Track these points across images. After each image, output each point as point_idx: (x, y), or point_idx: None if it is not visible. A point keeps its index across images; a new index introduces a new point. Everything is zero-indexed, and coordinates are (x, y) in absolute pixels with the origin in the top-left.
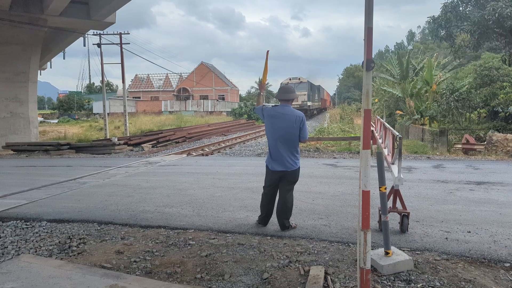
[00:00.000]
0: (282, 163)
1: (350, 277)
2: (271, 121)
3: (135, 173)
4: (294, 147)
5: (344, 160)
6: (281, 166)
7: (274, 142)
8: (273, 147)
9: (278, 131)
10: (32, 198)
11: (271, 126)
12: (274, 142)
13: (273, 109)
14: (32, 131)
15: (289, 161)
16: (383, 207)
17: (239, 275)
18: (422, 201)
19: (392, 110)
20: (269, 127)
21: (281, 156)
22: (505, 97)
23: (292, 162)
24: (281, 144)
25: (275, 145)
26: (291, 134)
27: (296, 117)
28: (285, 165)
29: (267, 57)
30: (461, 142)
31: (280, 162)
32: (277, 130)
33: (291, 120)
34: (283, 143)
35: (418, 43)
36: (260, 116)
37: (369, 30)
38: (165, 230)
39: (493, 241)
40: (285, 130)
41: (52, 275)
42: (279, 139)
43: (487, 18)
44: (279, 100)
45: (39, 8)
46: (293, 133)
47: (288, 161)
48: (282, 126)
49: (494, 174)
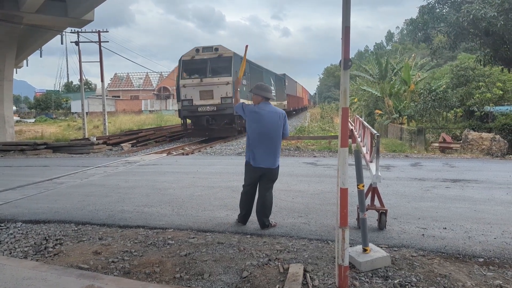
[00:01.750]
0: (267, 160)
1: (329, 274)
2: (256, 118)
3: (114, 173)
4: (279, 144)
5: (324, 158)
6: (266, 163)
7: (259, 139)
8: (258, 144)
9: (263, 128)
10: (7, 199)
11: (256, 123)
12: (259, 139)
13: (257, 106)
14: (7, 131)
15: (273, 158)
16: (361, 204)
17: (218, 274)
18: (399, 199)
19: (372, 110)
20: (254, 124)
21: (265, 153)
22: (481, 97)
23: (276, 159)
24: (267, 141)
25: (260, 142)
26: (277, 131)
27: (280, 114)
28: (270, 162)
29: (246, 52)
30: (438, 140)
31: (265, 159)
32: (263, 127)
33: (275, 117)
34: (269, 140)
35: (396, 44)
36: (241, 114)
37: (346, 29)
38: (144, 230)
39: (468, 237)
40: (271, 127)
41: (26, 276)
42: (265, 136)
43: (462, 20)
44: (262, 97)
45: (15, 5)
46: (278, 130)
47: (272, 158)
48: (268, 123)
49: (470, 172)
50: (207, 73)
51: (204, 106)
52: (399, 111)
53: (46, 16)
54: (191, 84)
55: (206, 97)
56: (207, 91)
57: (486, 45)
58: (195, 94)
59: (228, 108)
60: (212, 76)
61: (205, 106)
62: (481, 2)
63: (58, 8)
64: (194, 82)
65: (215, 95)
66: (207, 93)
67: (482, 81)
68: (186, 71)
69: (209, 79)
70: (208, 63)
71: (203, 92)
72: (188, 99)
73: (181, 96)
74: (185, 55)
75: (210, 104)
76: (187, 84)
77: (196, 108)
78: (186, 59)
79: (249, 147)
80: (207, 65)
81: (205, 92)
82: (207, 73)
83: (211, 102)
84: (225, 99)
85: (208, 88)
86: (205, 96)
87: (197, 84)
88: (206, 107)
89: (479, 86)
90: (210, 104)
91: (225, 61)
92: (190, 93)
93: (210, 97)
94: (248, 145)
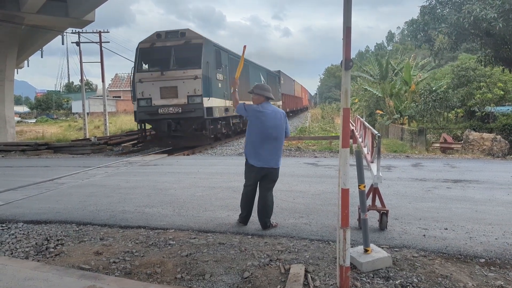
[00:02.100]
0: (272, 160)
1: (330, 274)
2: (260, 118)
3: (115, 173)
4: (282, 144)
5: (325, 159)
6: (271, 163)
7: (265, 139)
8: (263, 145)
9: (269, 128)
10: (8, 199)
11: (261, 123)
12: (264, 139)
13: (260, 106)
14: (8, 131)
15: (278, 158)
16: (362, 205)
17: (219, 274)
18: (400, 199)
19: (372, 110)
20: (258, 124)
21: (271, 153)
22: (482, 97)
23: (280, 158)
24: (272, 141)
25: (266, 142)
26: (281, 131)
27: (281, 113)
28: (274, 161)
29: (244, 52)
30: (439, 141)
31: (270, 159)
32: (268, 127)
33: (278, 117)
34: (274, 140)
35: (397, 44)
36: (243, 114)
37: (347, 29)
38: (145, 230)
39: (469, 237)
40: (276, 127)
41: (28, 277)
42: (270, 136)
43: (463, 20)
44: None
45: (16, 5)
46: (282, 130)
47: (277, 157)
48: (272, 123)
49: (471, 172)
50: (171, 65)
51: (166, 107)
52: (400, 111)
53: (47, 16)
54: (149, 79)
55: (169, 95)
56: (170, 88)
57: (487, 45)
58: (155, 91)
59: (197, 109)
60: (177, 68)
61: (167, 107)
62: (481, 3)
63: (59, 8)
64: (154, 76)
65: (180, 93)
66: (170, 90)
67: (483, 82)
68: (144, 61)
69: (173, 72)
70: (172, 52)
71: (165, 89)
72: (146, 97)
73: (137, 94)
74: (143, 42)
75: (174, 105)
76: (145, 78)
77: (156, 109)
78: (144, 47)
79: (253, 147)
80: (170, 54)
81: (168, 89)
82: (171, 65)
83: (175, 101)
84: (193, 98)
85: (171, 84)
86: (168, 94)
87: (157, 79)
88: (169, 108)
89: (480, 86)
90: (173, 104)
91: (194, 49)
92: (148, 90)
93: (174, 96)
94: (251, 146)
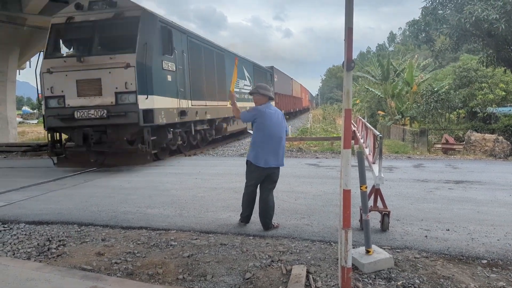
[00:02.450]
0: (277, 160)
1: (332, 275)
2: (266, 118)
3: (117, 174)
4: (284, 144)
5: (327, 160)
6: (275, 162)
7: (271, 139)
8: (269, 145)
9: (274, 128)
10: (10, 200)
11: (269, 122)
12: (271, 139)
13: (265, 106)
14: (10, 132)
15: (282, 157)
16: (364, 206)
17: (221, 275)
18: (402, 200)
19: (374, 111)
20: (267, 124)
21: (276, 153)
22: (483, 98)
23: (283, 157)
24: (278, 140)
25: (272, 142)
26: (283, 130)
27: (281, 113)
28: (279, 160)
29: (236, 66)
30: (441, 142)
31: (275, 159)
32: (273, 127)
33: (280, 116)
34: (279, 139)
35: (399, 45)
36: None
37: (349, 30)
38: (146, 231)
39: (471, 238)
40: (279, 127)
41: (30, 277)
42: (275, 135)
43: (464, 21)
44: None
45: (18, 6)
46: (284, 129)
47: (281, 156)
48: (276, 123)
49: (473, 173)
50: (93, 48)
51: (85, 110)
52: (402, 112)
53: (50, 17)
54: (61, 68)
55: (89, 91)
56: (90, 81)
57: (489, 46)
58: (70, 86)
59: (130, 113)
60: (101, 52)
61: (86, 110)
62: (483, 4)
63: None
64: (68, 65)
65: (106, 89)
66: (90, 85)
67: (484, 82)
68: (56, 43)
69: (95, 58)
70: (95, 29)
71: (84, 82)
72: (57, 95)
73: (45, 91)
74: (57, 16)
75: (97, 106)
76: (55, 67)
77: (72, 112)
78: (57, 23)
79: (262, 149)
80: (93, 32)
81: (88, 83)
82: (93, 48)
83: (97, 101)
84: (123, 96)
85: (92, 75)
86: (87, 90)
87: (72, 68)
88: (89, 111)
89: (481, 87)
90: (96, 105)
91: (127, 25)
92: (60, 85)
93: (96, 92)
94: (261, 147)
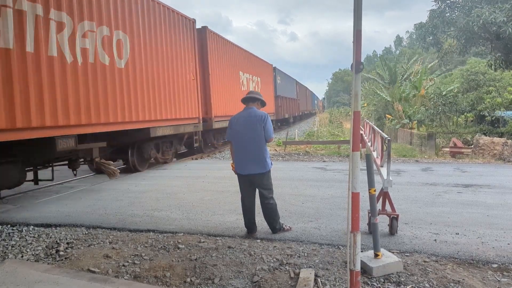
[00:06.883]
0: (251, 166)
1: (340, 279)
2: (233, 123)
3: (124, 177)
4: (261, 149)
5: (334, 163)
6: (250, 169)
7: (241, 145)
8: (239, 151)
9: (243, 135)
10: (18, 202)
11: (236, 130)
12: (240, 145)
13: (236, 115)
14: None
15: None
16: (372, 209)
17: (229, 278)
18: (411, 204)
19: (381, 114)
20: (234, 131)
21: (248, 159)
22: (491, 102)
23: (260, 164)
24: (248, 147)
25: (242, 148)
26: (257, 136)
27: (258, 117)
28: (254, 167)
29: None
30: (449, 145)
31: (249, 166)
32: (243, 134)
33: (253, 121)
34: (250, 145)
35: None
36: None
37: (358, 32)
38: (154, 234)
39: (481, 242)
40: (250, 133)
41: (38, 279)
42: (245, 142)
43: (472, 24)
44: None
45: None
46: (258, 135)
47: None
48: (246, 129)
49: (482, 177)
50: None
51: None
52: (409, 116)
53: None
54: None
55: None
56: None
57: (497, 49)
58: None
59: None
60: None
61: None
62: (491, 7)
63: None
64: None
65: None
66: None
67: (492, 86)
68: None
69: None
70: None
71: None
72: None
73: None
74: None
75: None
76: None
77: None
78: None
79: (236, 155)
80: None
81: None
82: None
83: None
84: None
85: None
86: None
87: None
88: None
89: (489, 90)
90: None
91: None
92: None
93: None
94: (236, 155)
